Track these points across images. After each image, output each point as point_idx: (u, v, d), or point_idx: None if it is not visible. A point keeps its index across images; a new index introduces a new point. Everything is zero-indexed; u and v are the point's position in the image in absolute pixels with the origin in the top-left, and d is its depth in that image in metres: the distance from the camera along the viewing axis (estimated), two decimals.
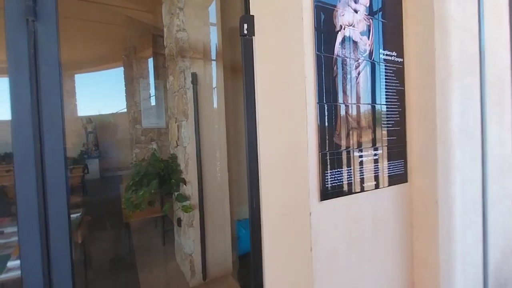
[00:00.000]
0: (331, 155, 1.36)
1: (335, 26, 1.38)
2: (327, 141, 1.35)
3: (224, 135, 3.25)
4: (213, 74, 3.23)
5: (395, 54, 1.69)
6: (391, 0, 1.69)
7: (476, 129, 1.86)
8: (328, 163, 1.35)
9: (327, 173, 1.34)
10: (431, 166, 1.71)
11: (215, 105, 3.21)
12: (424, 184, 1.74)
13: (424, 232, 1.78)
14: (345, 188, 1.41)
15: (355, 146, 1.46)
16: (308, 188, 1.29)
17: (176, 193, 3.02)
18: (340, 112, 1.40)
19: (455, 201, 1.73)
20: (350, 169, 1.44)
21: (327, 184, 1.34)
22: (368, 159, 1.53)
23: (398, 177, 1.70)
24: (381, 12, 1.61)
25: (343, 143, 1.41)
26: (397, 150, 1.70)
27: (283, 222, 1.36)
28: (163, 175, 3.06)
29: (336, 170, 1.38)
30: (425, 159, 1.73)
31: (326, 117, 1.35)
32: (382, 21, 1.61)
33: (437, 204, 1.71)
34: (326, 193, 1.34)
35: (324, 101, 1.35)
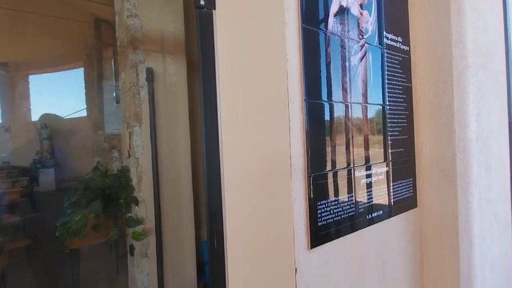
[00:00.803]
0: (326, 177, 0.92)
1: None
2: (319, 156, 0.91)
3: (188, 143, 2.74)
4: (176, 70, 2.72)
5: (401, 40, 1.30)
6: None
7: (491, 135, 1.51)
8: (322, 189, 0.91)
9: (321, 205, 0.90)
10: (448, 185, 1.32)
11: (177, 107, 2.70)
12: (439, 207, 1.35)
13: (438, 268, 1.39)
14: (346, 224, 0.97)
15: (357, 163, 1.03)
16: (292, 230, 0.83)
17: (126, 216, 2.45)
18: (337, 114, 0.97)
19: (473, 227, 1.36)
20: (352, 196, 1.00)
21: (321, 221, 0.89)
22: (374, 180, 1.10)
23: (406, 202, 1.29)
24: None
25: (342, 158, 0.98)
26: (405, 166, 1.30)
27: (256, 278, 0.89)
28: (109, 194, 2.45)
29: (332, 200, 0.93)
30: (440, 176, 1.34)
31: (317, 121, 0.91)
32: None
33: (457, 231, 1.32)
34: (319, 236, 0.89)
35: (315, 98, 0.90)
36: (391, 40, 1.24)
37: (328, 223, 0.92)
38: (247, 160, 0.95)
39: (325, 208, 0.91)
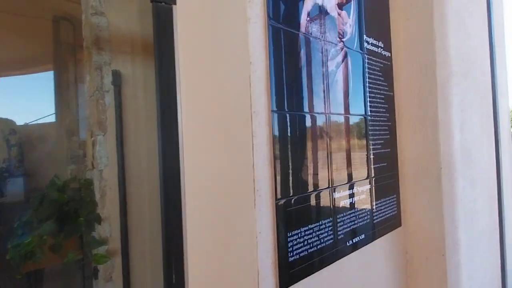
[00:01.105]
0: (298, 202, 0.77)
1: None
2: (291, 178, 0.76)
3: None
4: (147, 73, 2.52)
5: (382, 46, 1.19)
6: None
7: (474, 146, 1.43)
8: (294, 217, 0.76)
9: (292, 236, 0.75)
10: (434, 202, 1.22)
11: (147, 113, 2.49)
12: (424, 228, 1.24)
13: None
14: (323, 255, 0.83)
15: (337, 183, 0.90)
16: (257, 269, 0.68)
17: (86, 236, 2.20)
18: (312, 127, 0.83)
19: (461, 247, 1.26)
20: (330, 222, 0.86)
21: (292, 255, 0.74)
22: (355, 201, 0.97)
23: (390, 221, 1.17)
24: None
25: (318, 179, 0.84)
26: (388, 182, 1.18)
27: None
28: (67, 211, 2.19)
29: (307, 229, 0.79)
30: (424, 193, 1.24)
31: (289, 136, 0.77)
32: None
33: (444, 253, 1.22)
34: (291, 274, 0.74)
35: (286, 109, 0.76)
36: (372, 45, 1.13)
37: (302, 257, 0.77)
38: (208, 188, 0.80)
39: (298, 240, 0.76)
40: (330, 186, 0.88)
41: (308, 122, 0.82)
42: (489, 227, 1.54)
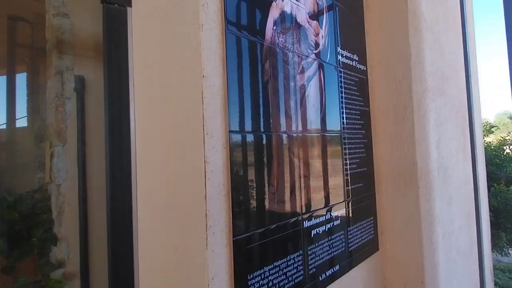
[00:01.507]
0: (261, 237, 0.67)
1: None
2: (252, 209, 0.66)
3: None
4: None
5: (357, 59, 1.13)
6: None
7: (450, 163, 1.39)
8: (255, 256, 0.65)
9: (253, 278, 0.64)
10: (412, 224, 1.15)
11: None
12: (402, 252, 1.16)
13: None
14: None
15: (307, 210, 0.80)
16: None
17: (46, 256, 1.98)
18: (278, 149, 0.73)
19: (439, 271, 1.19)
20: (300, 255, 0.76)
21: None
22: (329, 228, 0.88)
23: (367, 246, 1.09)
24: None
25: (285, 208, 0.74)
26: (365, 203, 1.10)
27: None
28: (19, 230, 1.96)
29: (272, 267, 0.68)
30: (402, 214, 1.17)
31: (250, 160, 0.66)
32: (339, 6, 1.04)
33: (423, 280, 1.14)
34: None
35: (246, 129, 0.66)
36: (346, 57, 1.06)
37: None
38: (158, 225, 0.68)
39: (261, 282, 0.65)
40: (301, 214, 0.78)
41: (274, 144, 0.73)
42: (467, 245, 1.50)
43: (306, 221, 0.80)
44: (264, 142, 0.70)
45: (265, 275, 0.66)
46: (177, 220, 0.63)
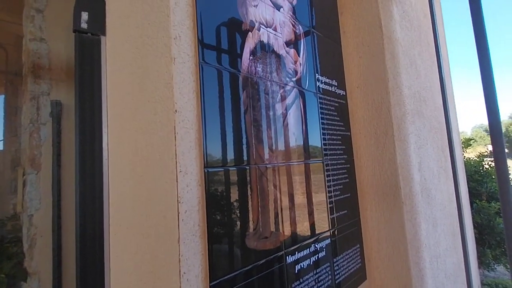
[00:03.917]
0: (241, 279, 0.62)
1: (241, 20, 0.74)
2: (230, 251, 0.61)
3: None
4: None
5: (336, 84, 1.14)
6: (323, 4, 1.18)
7: (432, 184, 1.40)
8: None
9: None
10: (398, 250, 1.13)
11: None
12: (390, 280, 1.13)
13: None
14: None
15: (290, 245, 0.76)
16: None
17: None
18: (259, 182, 0.70)
19: None
20: None
21: None
22: (314, 261, 0.84)
23: (355, 276, 1.05)
24: (314, 19, 1.06)
25: (266, 245, 0.70)
26: (351, 231, 1.07)
27: None
28: None
29: None
30: (389, 240, 1.14)
31: (228, 196, 0.63)
32: (316, 33, 1.06)
33: None
34: None
35: (224, 164, 0.63)
36: (325, 83, 1.06)
37: None
38: (131, 270, 0.62)
39: None
40: (283, 249, 0.74)
41: (254, 177, 0.70)
42: (454, 267, 1.49)
43: (290, 256, 0.76)
44: (243, 176, 0.67)
45: None
46: (149, 265, 0.58)
